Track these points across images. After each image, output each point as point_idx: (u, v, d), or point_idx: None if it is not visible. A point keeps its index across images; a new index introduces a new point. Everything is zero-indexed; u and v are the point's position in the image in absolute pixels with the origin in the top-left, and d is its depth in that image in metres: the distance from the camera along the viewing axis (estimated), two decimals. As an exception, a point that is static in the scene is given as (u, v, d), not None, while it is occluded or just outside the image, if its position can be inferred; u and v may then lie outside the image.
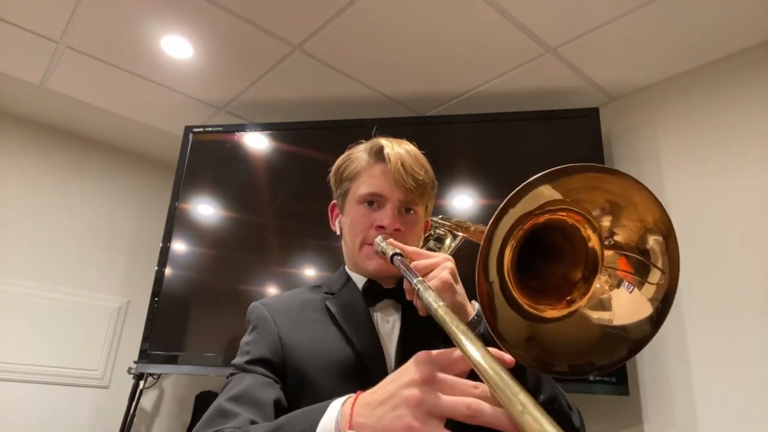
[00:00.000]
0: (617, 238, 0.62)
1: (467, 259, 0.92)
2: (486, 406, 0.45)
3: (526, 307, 0.62)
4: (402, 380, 0.51)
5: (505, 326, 0.59)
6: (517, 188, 0.55)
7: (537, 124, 2.11)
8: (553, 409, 0.74)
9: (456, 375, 0.51)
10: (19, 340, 2.41)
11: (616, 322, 0.61)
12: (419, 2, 1.75)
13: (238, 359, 0.83)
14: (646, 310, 0.59)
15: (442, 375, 0.50)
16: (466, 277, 0.77)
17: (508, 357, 0.50)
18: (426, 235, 1.02)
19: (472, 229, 1.00)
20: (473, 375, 0.48)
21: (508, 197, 0.55)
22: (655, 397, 1.80)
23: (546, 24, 1.80)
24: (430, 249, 1.21)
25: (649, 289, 0.60)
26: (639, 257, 0.60)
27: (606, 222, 0.62)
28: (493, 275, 0.59)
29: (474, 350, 0.46)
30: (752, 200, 1.73)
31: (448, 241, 1.14)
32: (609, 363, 0.60)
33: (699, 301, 1.75)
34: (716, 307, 1.71)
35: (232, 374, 0.82)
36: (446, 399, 0.48)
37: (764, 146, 1.74)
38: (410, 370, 0.51)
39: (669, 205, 1.90)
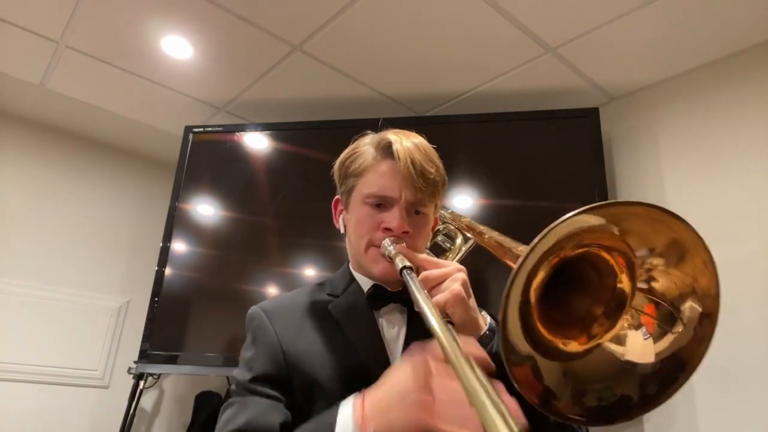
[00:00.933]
0: (655, 284, 0.58)
1: (473, 260, 0.91)
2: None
3: (555, 343, 0.60)
4: (406, 380, 0.54)
5: (514, 357, 0.56)
6: (572, 213, 0.53)
7: (537, 124, 2.11)
8: (565, 428, 0.73)
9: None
10: (19, 340, 2.41)
11: (628, 357, 0.59)
12: (419, 2, 1.75)
13: (241, 375, 0.80)
14: (656, 358, 0.57)
15: (437, 366, 0.53)
16: (474, 283, 0.75)
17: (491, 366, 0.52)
18: (433, 231, 0.97)
19: (486, 236, 0.93)
20: None
21: (556, 223, 0.52)
22: (655, 397, 1.80)
23: (546, 24, 1.80)
24: (437, 244, 1.16)
25: (666, 341, 0.57)
26: (671, 311, 0.57)
27: (653, 262, 0.58)
28: (514, 316, 0.56)
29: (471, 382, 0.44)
30: (752, 199, 1.73)
31: (459, 242, 1.08)
32: (624, 400, 0.58)
33: (699, 301, 1.74)
34: (716, 307, 1.71)
35: (233, 391, 0.79)
36: (447, 400, 0.50)
37: (764, 146, 1.74)
38: (412, 369, 0.54)
39: (669, 205, 1.90)
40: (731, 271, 1.69)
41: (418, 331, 0.82)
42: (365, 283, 0.89)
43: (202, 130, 2.44)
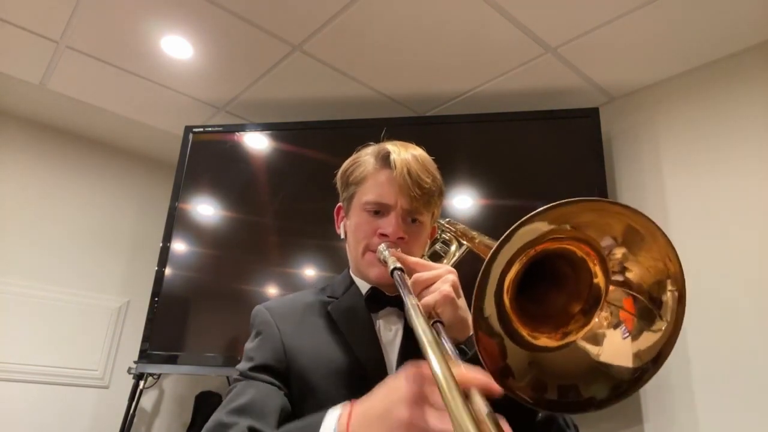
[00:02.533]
0: (629, 275, 0.57)
1: (469, 263, 0.92)
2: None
3: (525, 335, 0.59)
4: (394, 396, 0.51)
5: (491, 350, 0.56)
6: (522, 219, 0.53)
7: (537, 124, 2.11)
8: (551, 429, 0.74)
9: None
10: (19, 340, 2.41)
11: (603, 359, 0.58)
12: (419, 2, 1.75)
13: (243, 365, 0.83)
14: (634, 359, 0.56)
15: (430, 390, 0.50)
16: (465, 287, 0.76)
17: (496, 387, 0.49)
18: (431, 240, 1.01)
19: (476, 240, 0.97)
20: None
21: (516, 224, 0.52)
22: (655, 397, 1.80)
23: (546, 24, 1.80)
24: (435, 252, 1.20)
25: (646, 339, 0.56)
26: (647, 303, 0.56)
27: (618, 254, 0.57)
28: (490, 300, 0.56)
29: (451, 393, 0.43)
30: (752, 200, 1.73)
31: (453, 248, 1.12)
32: (598, 397, 0.56)
33: (699, 301, 1.75)
34: (716, 307, 1.71)
35: (236, 380, 0.82)
36: (435, 421, 0.48)
37: (764, 146, 1.74)
38: (401, 385, 0.51)
39: (669, 205, 1.91)
40: (731, 271, 1.71)
41: (414, 335, 0.83)
42: (364, 287, 0.92)
43: (202, 130, 2.44)
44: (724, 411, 1.64)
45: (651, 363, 0.55)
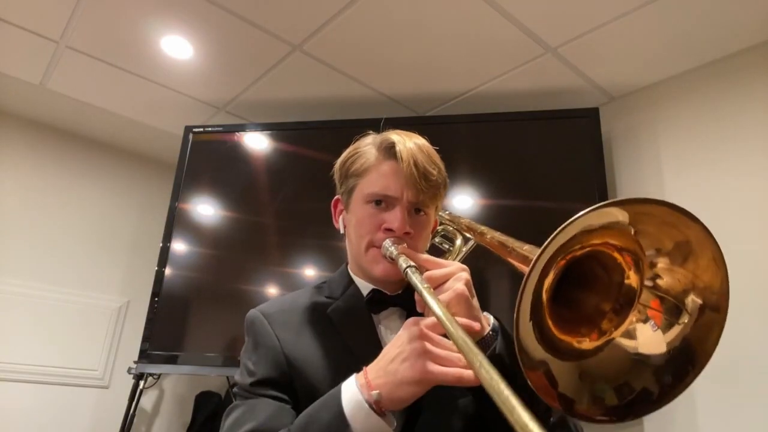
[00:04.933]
0: (659, 281, 0.60)
1: (473, 260, 0.91)
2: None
3: (568, 342, 0.60)
4: (401, 340, 0.65)
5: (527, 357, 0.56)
6: (589, 209, 0.53)
7: (537, 124, 2.11)
8: (563, 428, 0.75)
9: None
10: (19, 340, 2.41)
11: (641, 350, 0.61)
12: (419, 2, 1.75)
13: (243, 379, 0.79)
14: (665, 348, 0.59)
15: (429, 332, 0.64)
16: (474, 284, 0.75)
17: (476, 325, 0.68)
18: (432, 233, 0.96)
19: (488, 237, 0.91)
20: None
21: (581, 213, 0.53)
22: (655, 397, 1.80)
23: (546, 24, 1.80)
24: (434, 245, 1.15)
25: (673, 333, 0.59)
26: (675, 304, 0.59)
27: (661, 263, 0.59)
28: (526, 306, 0.56)
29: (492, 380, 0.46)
30: (752, 199, 1.73)
31: (458, 243, 1.07)
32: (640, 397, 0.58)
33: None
34: (716, 307, 1.71)
35: (236, 394, 0.79)
36: (443, 351, 0.62)
37: (765, 146, 1.74)
38: (404, 331, 0.65)
39: (669, 205, 1.90)
40: (731, 271, 1.70)
41: None
42: (364, 287, 0.88)
43: (202, 130, 2.44)
44: (724, 411, 1.64)
45: (689, 359, 0.58)
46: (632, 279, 0.61)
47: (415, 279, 0.69)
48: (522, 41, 1.88)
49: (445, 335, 0.63)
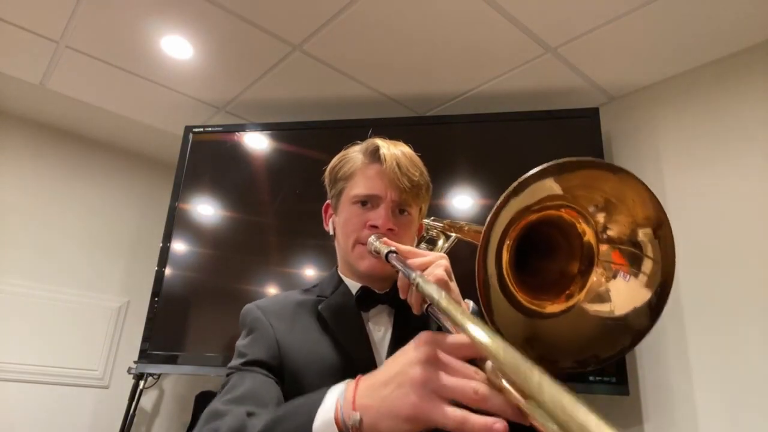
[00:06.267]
0: (610, 233, 0.64)
1: (462, 259, 0.93)
2: (492, 392, 0.45)
3: (525, 303, 0.62)
4: (405, 359, 0.50)
5: (503, 322, 0.59)
6: (519, 180, 0.57)
7: (537, 124, 2.11)
8: None
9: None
10: (19, 340, 2.41)
11: (617, 312, 0.63)
12: (419, 2, 1.75)
13: (235, 362, 0.82)
14: (644, 298, 0.61)
15: (445, 356, 0.49)
16: (461, 277, 0.77)
17: None
18: (418, 238, 1.02)
19: (466, 228, 1.00)
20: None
21: (510, 189, 0.57)
22: (655, 397, 1.80)
23: (546, 24, 1.80)
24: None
25: (644, 279, 0.62)
26: (632, 249, 0.62)
27: (601, 218, 0.64)
28: (492, 269, 0.59)
29: (483, 335, 0.43)
30: (753, 200, 1.73)
31: (440, 243, 1.13)
32: (612, 354, 0.61)
33: (699, 300, 1.75)
34: (716, 306, 1.71)
35: (228, 373, 0.81)
36: (452, 380, 0.47)
37: (765, 146, 1.74)
38: (413, 349, 0.51)
39: (669, 204, 1.90)
40: (731, 271, 1.71)
41: (404, 333, 0.85)
42: (353, 286, 0.92)
43: (202, 130, 2.44)
44: (724, 411, 1.64)
45: (660, 290, 0.61)
46: (588, 236, 0.65)
47: (397, 262, 0.73)
48: (522, 41, 1.88)
49: (469, 360, 0.50)
